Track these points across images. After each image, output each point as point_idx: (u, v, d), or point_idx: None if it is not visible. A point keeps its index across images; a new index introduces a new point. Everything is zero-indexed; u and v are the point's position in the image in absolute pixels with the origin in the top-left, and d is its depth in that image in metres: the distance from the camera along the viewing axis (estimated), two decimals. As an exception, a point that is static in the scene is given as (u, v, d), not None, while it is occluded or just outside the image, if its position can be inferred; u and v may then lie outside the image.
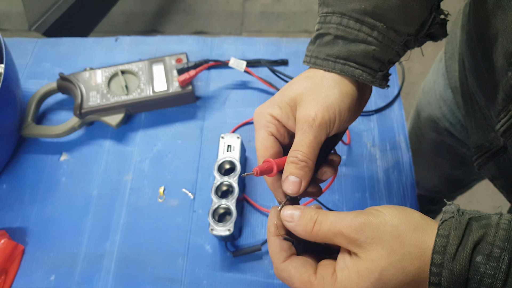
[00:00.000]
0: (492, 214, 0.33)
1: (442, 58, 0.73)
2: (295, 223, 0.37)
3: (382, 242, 0.33)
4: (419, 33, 0.42)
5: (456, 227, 0.32)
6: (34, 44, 0.84)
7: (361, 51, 0.40)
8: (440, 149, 0.84)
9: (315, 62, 0.42)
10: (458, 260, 0.31)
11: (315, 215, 0.36)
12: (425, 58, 2.27)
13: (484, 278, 0.30)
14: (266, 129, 0.42)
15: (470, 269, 0.30)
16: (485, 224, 0.32)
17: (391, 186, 0.67)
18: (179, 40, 0.84)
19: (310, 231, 0.36)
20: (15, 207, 0.67)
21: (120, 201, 0.67)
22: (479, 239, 0.31)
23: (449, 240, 0.31)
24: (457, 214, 0.33)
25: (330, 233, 0.35)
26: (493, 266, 0.30)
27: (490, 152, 0.50)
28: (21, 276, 0.61)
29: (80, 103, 0.70)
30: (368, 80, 0.41)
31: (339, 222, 0.34)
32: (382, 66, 0.42)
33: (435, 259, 0.31)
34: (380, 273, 0.33)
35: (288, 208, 0.38)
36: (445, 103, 0.73)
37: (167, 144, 0.72)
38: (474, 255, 0.30)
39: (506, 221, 0.31)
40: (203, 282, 0.60)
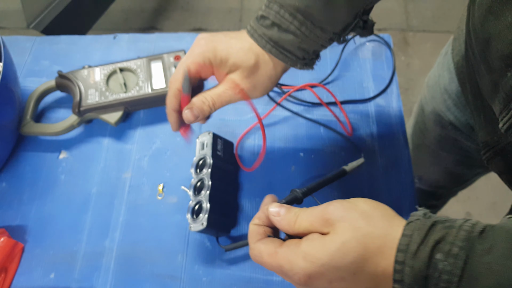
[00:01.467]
0: (458, 219, 0.34)
1: (448, 52, 0.73)
2: (280, 217, 0.40)
3: (350, 219, 0.36)
4: (343, 32, 0.50)
5: (419, 227, 0.34)
6: (32, 42, 0.84)
7: (289, 40, 0.47)
8: (444, 143, 0.84)
9: (253, 35, 0.49)
10: (419, 257, 0.32)
11: (298, 211, 0.40)
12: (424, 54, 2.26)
13: (442, 274, 0.31)
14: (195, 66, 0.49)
15: (430, 266, 0.32)
16: (448, 226, 0.34)
17: (390, 183, 0.67)
18: (177, 38, 0.84)
19: (293, 225, 0.39)
20: (15, 205, 0.67)
21: (119, 199, 0.67)
22: (440, 239, 0.33)
23: (411, 239, 0.33)
24: (423, 217, 0.35)
25: (308, 223, 0.38)
26: (451, 263, 0.31)
27: (498, 147, 0.50)
28: (21, 274, 0.61)
29: (78, 101, 0.70)
30: (290, 64, 0.50)
31: (315, 209, 0.38)
32: (306, 54, 0.49)
33: (398, 257, 0.33)
34: (342, 244, 0.35)
35: (275, 206, 0.41)
36: (450, 96, 0.73)
37: (166, 142, 0.72)
38: (434, 253, 0.32)
39: (470, 224, 0.33)
40: (203, 279, 0.60)
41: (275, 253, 0.38)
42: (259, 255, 0.39)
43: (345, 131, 0.71)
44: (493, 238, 0.32)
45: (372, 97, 0.75)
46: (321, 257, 0.35)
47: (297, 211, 0.40)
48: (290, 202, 0.46)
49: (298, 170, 0.69)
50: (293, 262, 0.36)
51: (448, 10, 2.10)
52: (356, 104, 0.75)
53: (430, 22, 2.11)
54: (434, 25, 2.09)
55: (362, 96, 0.76)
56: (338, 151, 0.70)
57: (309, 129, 0.72)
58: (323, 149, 0.70)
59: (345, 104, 0.74)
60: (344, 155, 0.70)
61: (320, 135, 0.72)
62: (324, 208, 0.38)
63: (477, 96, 0.56)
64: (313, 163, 0.69)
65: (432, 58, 1.96)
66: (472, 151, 0.79)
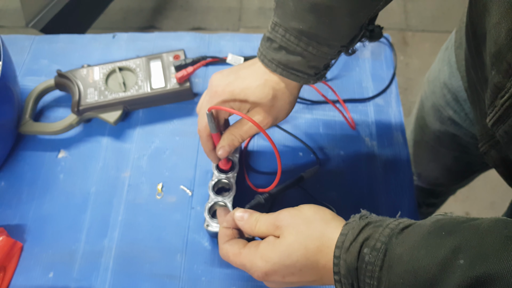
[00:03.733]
0: (392, 220, 0.40)
1: (448, 47, 0.73)
2: (243, 222, 0.47)
3: (294, 226, 0.43)
4: (350, 44, 0.50)
5: (354, 227, 0.40)
6: (31, 41, 0.84)
7: (298, 62, 0.48)
8: (443, 138, 0.84)
9: (263, 60, 0.50)
10: (350, 251, 0.38)
11: (259, 217, 0.47)
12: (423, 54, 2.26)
13: (368, 265, 0.37)
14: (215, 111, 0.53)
15: (359, 259, 0.38)
16: (377, 225, 0.39)
17: (389, 182, 0.67)
18: (176, 37, 0.84)
19: (253, 228, 0.46)
20: (13, 204, 0.67)
21: (118, 198, 0.67)
22: (368, 236, 0.38)
23: (346, 238, 0.40)
24: (359, 219, 0.41)
25: (264, 227, 0.45)
26: (374, 255, 0.37)
27: (493, 140, 0.51)
28: (20, 273, 0.61)
29: (77, 100, 0.70)
30: (303, 82, 0.51)
31: (270, 217, 0.45)
32: (317, 70, 0.50)
33: (335, 252, 0.40)
34: (287, 246, 0.42)
35: (240, 211, 0.48)
36: (449, 91, 0.74)
37: (165, 141, 0.72)
38: (363, 248, 0.38)
39: (396, 222, 0.39)
40: (202, 279, 0.60)
41: (239, 253, 0.46)
42: (226, 255, 0.47)
43: (349, 124, 0.71)
44: (409, 233, 0.37)
45: (372, 97, 0.75)
46: (273, 257, 0.42)
47: (257, 217, 0.47)
48: (254, 206, 0.54)
49: (297, 170, 0.69)
50: (253, 262, 0.44)
51: (447, 10, 2.10)
52: (355, 103, 0.75)
53: (429, 22, 2.11)
54: (433, 25, 2.09)
55: (361, 95, 0.76)
56: (337, 150, 0.70)
57: (308, 128, 0.72)
58: (323, 148, 0.70)
59: (346, 103, 0.74)
60: (343, 154, 0.70)
61: (319, 134, 0.72)
62: (276, 216, 0.45)
63: (474, 90, 0.57)
64: (313, 164, 0.69)
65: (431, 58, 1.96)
66: (471, 147, 0.79)
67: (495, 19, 0.39)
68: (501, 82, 0.39)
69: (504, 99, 0.39)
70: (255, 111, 0.51)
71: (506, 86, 0.39)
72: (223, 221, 0.50)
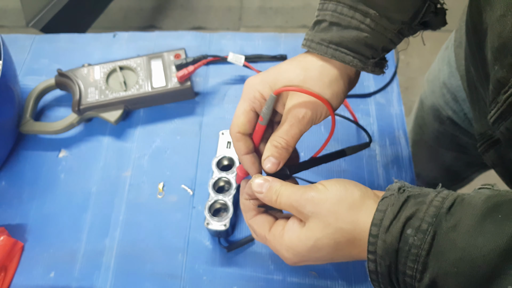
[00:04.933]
0: (432, 191, 0.36)
1: (449, 47, 0.73)
2: (263, 194, 0.43)
3: (320, 216, 0.39)
4: (413, 21, 0.43)
5: (393, 203, 0.36)
6: (31, 41, 0.84)
7: (353, 37, 0.42)
8: (442, 138, 0.84)
9: (310, 45, 0.44)
10: (391, 232, 0.35)
11: (279, 188, 0.42)
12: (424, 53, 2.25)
13: (412, 248, 0.34)
14: (251, 103, 0.45)
15: (400, 240, 0.34)
16: (420, 201, 0.35)
17: (391, 182, 0.67)
18: (177, 36, 0.84)
19: (274, 202, 0.42)
20: (14, 204, 0.66)
21: (119, 197, 0.67)
22: (412, 215, 0.35)
23: (385, 215, 0.36)
24: (397, 192, 0.37)
25: (287, 205, 0.41)
26: (420, 238, 0.34)
27: (492, 139, 0.51)
28: (21, 273, 0.61)
29: (78, 100, 0.70)
30: (359, 66, 0.43)
31: (292, 196, 0.40)
32: (375, 53, 0.43)
33: (372, 230, 0.36)
34: (315, 241, 0.39)
35: (258, 178, 0.43)
36: (449, 90, 0.73)
37: (166, 140, 0.72)
38: (405, 228, 0.34)
39: (440, 198, 0.35)
40: (203, 278, 0.60)
41: (264, 237, 0.43)
42: (253, 234, 0.46)
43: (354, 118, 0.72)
44: (460, 214, 0.33)
45: (374, 92, 0.75)
46: (300, 251, 0.40)
47: (277, 189, 0.42)
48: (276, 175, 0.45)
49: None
50: (279, 251, 0.42)
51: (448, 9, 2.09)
52: (357, 103, 0.74)
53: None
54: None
55: (364, 97, 0.75)
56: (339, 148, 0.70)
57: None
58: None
59: (348, 100, 0.74)
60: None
61: (320, 132, 0.72)
62: (298, 200, 0.40)
63: (473, 89, 0.57)
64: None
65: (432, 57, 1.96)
66: (470, 147, 0.79)
67: (499, 12, 0.37)
68: (504, 77, 0.38)
69: (508, 94, 0.38)
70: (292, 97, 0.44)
71: (510, 81, 0.38)
72: (243, 193, 0.46)
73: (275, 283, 0.59)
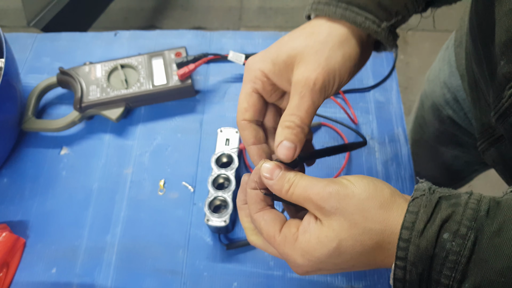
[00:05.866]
0: (462, 193, 0.34)
1: (449, 46, 0.73)
2: (273, 181, 0.37)
3: (345, 213, 0.34)
4: None
5: (426, 204, 0.33)
6: (33, 39, 0.84)
7: None
8: (443, 138, 0.84)
9: (317, 8, 0.39)
10: (425, 236, 0.31)
11: (293, 178, 0.37)
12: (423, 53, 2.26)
13: (449, 254, 0.31)
14: (252, 85, 0.40)
15: (436, 246, 0.31)
16: (454, 203, 0.32)
17: (390, 179, 0.68)
18: (178, 35, 0.84)
19: (285, 193, 0.37)
20: (16, 201, 0.67)
21: (120, 194, 0.67)
22: (447, 217, 0.32)
23: (418, 217, 0.32)
24: (428, 192, 0.34)
25: (301, 198, 0.36)
26: (459, 244, 0.30)
27: (492, 138, 0.51)
28: (23, 269, 0.62)
29: (80, 97, 0.70)
30: (372, 30, 0.38)
31: (310, 188, 0.35)
32: (389, 16, 0.38)
33: (403, 234, 0.32)
34: (339, 243, 0.34)
35: (269, 163, 0.38)
36: (449, 90, 0.74)
37: (167, 138, 0.72)
38: (441, 232, 0.31)
39: (475, 201, 0.32)
40: (204, 274, 0.60)
41: (273, 237, 0.37)
42: (259, 230, 0.39)
43: (351, 120, 0.72)
44: (502, 218, 0.31)
45: (373, 86, 0.76)
46: (319, 256, 0.35)
47: (291, 178, 0.37)
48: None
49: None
50: (291, 257, 0.36)
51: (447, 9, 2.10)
52: (356, 99, 0.75)
53: (429, 21, 2.11)
54: (433, 24, 2.09)
55: (362, 92, 0.76)
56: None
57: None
58: (323, 145, 0.71)
59: (346, 95, 0.75)
60: (344, 151, 0.70)
61: (321, 131, 0.72)
62: (318, 193, 0.35)
63: (473, 88, 0.57)
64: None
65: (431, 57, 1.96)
66: (470, 146, 0.79)
67: (508, 6, 0.36)
68: (510, 72, 0.37)
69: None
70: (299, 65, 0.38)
71: None
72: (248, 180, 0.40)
73: (275, 279, 0.60)
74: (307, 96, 0.37)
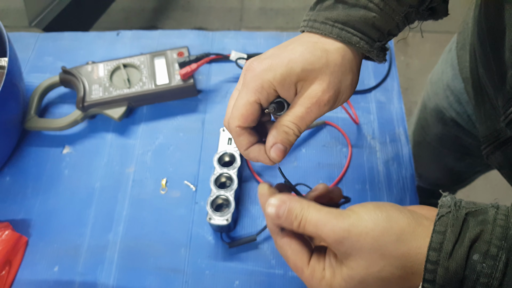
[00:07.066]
0: (489, 207, 0.32)
1: (452, 49, 0.73)
2: (282, 220, 0.37)
3: (361, 254, 0.33)
4: (421, 5, 0.41)
5: (453, 223, 0.31)
6: (36, 38, 0.84)
7: (361, 17, 0.39)
8: (445, 140, 0.84)
9: (313, 25, 0.40)
10: (455, 258, 0.30)
11: (300, 213, 0.36)
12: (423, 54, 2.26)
13: (480, 277, 0.30)
14: (257, 96, 0.39)
15: (466, 268, 0.30)
16: (482, 221, 0.31)
17: (391, 178, 0.68)
18: (180, 34, 0.85)
19: (296, 229, 0.36)
20: (19, 199, 0.67)
21: (122, 193, 0.67)
22: (476, 237, 0.30)
23: (445, 237, 0.31)
24: (454, 208, 0.32)
25: (315, 235, 0.35)
26: (490, 265, 0.29)
27: (498, 141, 0.51)
28: (25, 267, 0.62)
29: (82, 96, 0.71)
30: (365, 49, 0.40)
31: (321, 228, 0.34)
32: (381, 36, 0.40)
33: (430, 256, 0.31)
34: (360, 281, 0.34)
35: (273, 199, 0.37)
36: (452, 92, 0.74)
37: (169, 137, 0.73)
38: (471, 254, 0.30)
39: (503, 217, 0.31)
40: (206, 272, 0.61)
41: (301, 270, 0.37)
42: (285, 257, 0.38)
43: (352, 120, 0.72)
44: None
45: (374, 86, 0.76)
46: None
47: (298, 215, 0.36)
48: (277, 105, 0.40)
49: (300, 165, 0.69)
50: None
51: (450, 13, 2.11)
52: (357, 99, 0.75)
53: (429, 22, 2.11)
54: (433, 25, 2.09)
55: (363, 93, 0.76)
56: (340, 147, 0.71)
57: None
58: (324, 145, 0.71)
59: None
60: (345, 150, 0.70)
61: (322, 131, 0.72)
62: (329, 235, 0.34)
63: (478, 91, 0.57)
64: (315, 158, 0.70)
65: (431, 58, 1.97)
66: (473, 148, 0.79)
67: None
68: None
69: None
70: (309, 83, 0.38)
71: None
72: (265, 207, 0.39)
73: (276, 278, 0.60)
74: (313, 112, 0.38)
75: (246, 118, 0.39)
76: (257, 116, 0.40)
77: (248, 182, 0.68)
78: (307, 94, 0.38)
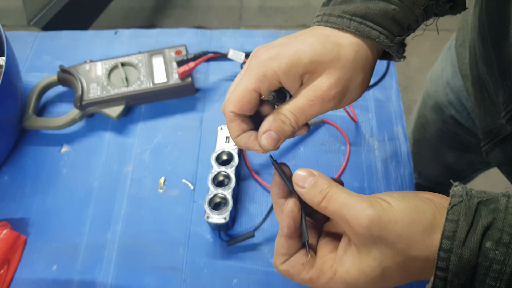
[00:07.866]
0: (500, 196, 0.32)
1: (451, 46, 0.73)
2: (305, 190, 0.35)
3: (388, 242, 0.32)
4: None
5: (465, 212, 0.31)
6: (34, 37, 0.84)
7: (380, 9, 0.36)
8: (445, 137, 0.84)
9: (328, 19, 0.38)
10: (468, 246, 0.30)
11: (326, 189, 0.35)
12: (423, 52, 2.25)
13: (493, 264, 0.30)
14: (258, 84, 0.37)
15: (479, 255, 0.30)
16: (493, 209, 0.31)
17: (389, 176, 0.68)
18: (178, 33, 0.84)
19: (317, 204, 0.35)
20: (17, 198, 0.67)
21: (121, 192, 0.67)
22: (489, 225, 0.31)
23: (458, 226, 0.31)
24: (466, 198, 0.32)
25: (336, 215, 0.34)
26: (503, 252, 0.30)
27: (497, 138, 0.50)
28: (23, 266, 0.62)
29: (80, 95, 0.70)
30: (385, 44, 0.37)
31: (348, 210, 0.33)
32: (401, 31, 0.38)
33: (444, 244, 0.31)
34: (383, 271, 0.33)
35: (303, 170, 0.36)
36: (452, 90, 0.74)
37: (167, 136, 0.73)
38: (484, 241, 0.30)
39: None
40: (204, 271, 0.61)
41: (309, 280, 0.36)
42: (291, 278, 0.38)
43: (351, 118, 0.72)
44: None
45: (372, 84, 0.77)
46: (363, 285, 0.34)
47: (324, 189, 0.35)
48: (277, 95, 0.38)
49: (298, 164, 0.69)
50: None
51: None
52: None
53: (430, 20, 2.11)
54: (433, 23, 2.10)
55: (361, 91, 0.76)
56: (338, 145, 0.71)
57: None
58: (322, 143, 0.71)
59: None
60: (344, 148, 0.70)
61: (321, 129, 0.72)
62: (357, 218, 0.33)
63: (478, 88, 0.57)
64: (313, 156, 0.70)
65: (431, 57, 1.96)
66: (473, 146, 0.79)
67: None
68: None
69: None
70: (316, 76, 0.36)
71: None
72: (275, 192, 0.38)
73: (274, 276, 0.60)
74: (316, 106, 0.36)
75: (241, 104, 0.38)
76: (254, 104, 0.38)
77: (246, 181, 0.68)
78: (312, 86, 0.36)
